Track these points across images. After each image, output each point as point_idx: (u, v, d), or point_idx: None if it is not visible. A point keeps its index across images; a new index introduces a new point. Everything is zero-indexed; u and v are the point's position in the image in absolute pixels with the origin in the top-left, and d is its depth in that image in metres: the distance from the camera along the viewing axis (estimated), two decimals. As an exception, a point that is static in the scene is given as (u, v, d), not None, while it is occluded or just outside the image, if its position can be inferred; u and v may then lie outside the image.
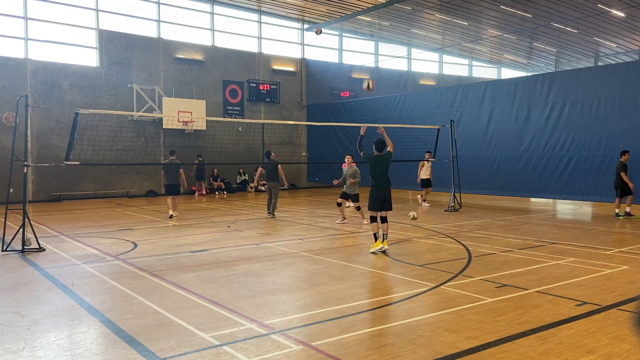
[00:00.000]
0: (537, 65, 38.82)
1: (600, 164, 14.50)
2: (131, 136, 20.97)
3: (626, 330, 5.02)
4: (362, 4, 24.58)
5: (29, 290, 6.79)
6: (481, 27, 29.75)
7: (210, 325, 5.29)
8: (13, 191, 10.43)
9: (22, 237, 9.41)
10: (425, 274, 7.48)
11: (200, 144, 23.03)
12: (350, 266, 8.12)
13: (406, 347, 4.64)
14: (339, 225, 12.80)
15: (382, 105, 22.38)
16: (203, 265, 8.30)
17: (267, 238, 10.90)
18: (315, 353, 4.54)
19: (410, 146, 17.64)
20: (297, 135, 26.47)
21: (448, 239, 10.57)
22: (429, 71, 33.57)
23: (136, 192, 22.09)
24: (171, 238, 11.03)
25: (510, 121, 16.87)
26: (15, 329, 5.25)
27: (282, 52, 26.88)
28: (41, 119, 20.17)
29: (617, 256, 8.70)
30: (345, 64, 29.31)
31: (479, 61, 37.23)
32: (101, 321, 5.48)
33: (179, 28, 23.66)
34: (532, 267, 7.85)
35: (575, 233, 11.32)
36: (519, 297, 6.23)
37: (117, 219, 14.54)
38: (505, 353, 4.51)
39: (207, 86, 24.07)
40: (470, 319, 5.41)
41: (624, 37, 30.35)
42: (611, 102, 14.43)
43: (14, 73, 19.74)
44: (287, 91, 26.75)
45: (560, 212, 16.30)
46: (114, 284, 7.09)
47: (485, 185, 17.53)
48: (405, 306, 5.90)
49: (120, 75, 21.82)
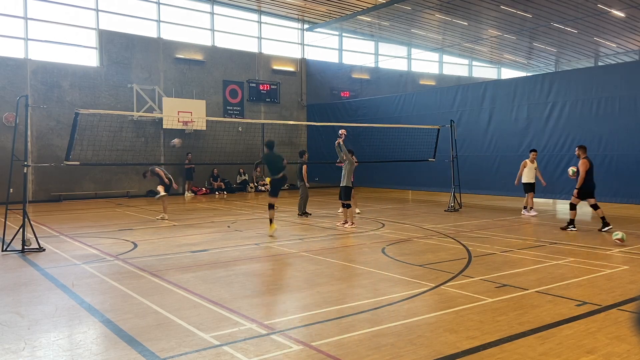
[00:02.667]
0: (537, 65, 38.82)
1: (600, 164, 14.48)
2: (131, 136, 20.97)
3: (626, 330, 5.02)
4: (362, 4, 24.58)
5: (29, 290, 6.79)
6: (481, 27, 29.75)
7: (210, 325, 5.29)
8: (13, 191, 10.43)
9: (22, 237, 9.41)
10: (425, 274, 7.48)
11: (200, 144, 23.02)
12: (350, 266, 8.12)
13: (406, 347, 4.64)
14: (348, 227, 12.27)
15: (382, 105, 22.38)
16: (203, 265, 8.30)
17: (267, 238, 10.90)
18: (315, 353, 4.54)
19: (410, 146, 17.66)
20: (297, 136, 26.46)
21: (448, 239, 10.57)
22: (429, 71, 33.57)
23: (136, 192, 22.09)
24: (171, 238, 11.03)
25: (510, 121, 16.87)
26: (15, 329, 5.25)
27: (282, 52, 26.88)
28: (41, 119, 20.16)
29: (617, 256, 8.70)
30: (345, 64, 29.31)
31: (479, 61, 37.23)
32: (101, 321, 5.48)
33: (179, 28, 23.66)
34: (532, 267, 7.85)
35: (575, 233, 11.32)
36: (519, 297, 6.23)
37: (117, 219, 14.54)
38: (505, 353, 4.51)
39: (207, 86, 24.07)
40: (470, 319, 5.41)
41: (624, 37, 30.35)
42: (611, 102, 14.43)
43: (14, 73, 19.74)
44: (287, 91, 26.75)
45: (560, 212, 16.29)
46: (114, 284, 7.09)
47: (485, 185, 17.52)
48: (405, 306, 5.90)
49: (120, 75, 21.82)
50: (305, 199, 14.65)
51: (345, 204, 12.54)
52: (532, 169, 14.47)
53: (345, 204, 12.56)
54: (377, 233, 11.50)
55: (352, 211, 12.64)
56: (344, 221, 12.48)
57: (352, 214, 12.77)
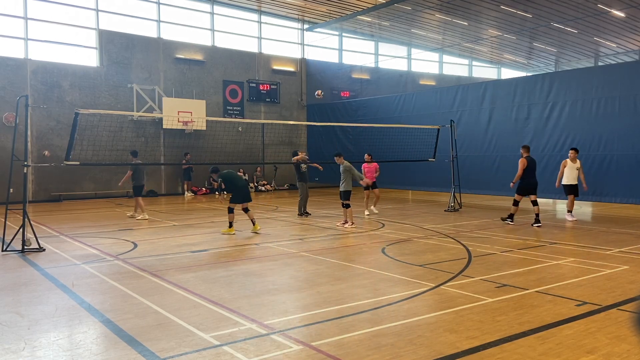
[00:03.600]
0: (537, 65, 38.82)
1: (600, 164, 14.50)
2: (131, 136, 20.96)
3: (626, 330, 5.01)
4: (362, 4, 24.57)
5: (29, 290, 6.79)
6: (481, 27, 29.74)
7: (210, 325, 5.29)
8: (13, 191, 10.42)
9: (22, 237, 9.41)
10: (425, 274, 7.48)
11: (200, 144, 23.03)
12: (350, 266, 8.12)
13: (406, 347, 4.64)
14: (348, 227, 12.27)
15: (382, 105, 22.38)
16: (203, 265, 8.30)
17: (267, 238, 10.90)
18: (315, 353, 4.54)
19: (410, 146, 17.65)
20: (297, 136, 26.46)
21: (448, 239, 10.57)
22: (429, 71, 33.56)
23: (136, 192, 22.07)
24: (171, 238, 11.03)
25: (510, 121, 16.86)
26: (15, 329, 5.25)
27: (282, 52, 26.87)
28: (41, 119, 20.16)
29: (617, 256, 8.70)
30: (345, 64, 29.30)
31: (479, 61, 37.23)
32: (101, 321, 5.48)
33: (179, 28, 23.66)
34: (532, 267, 7.85)
35: (575, 233, 11.32)
36: (519, 297, 6.23)
37: (117, 219, 14.54)
38: (505, 353, 4.51)
39: (207, 86, 24.06)
40: (470, 319, 5.41)
41: (624, 37, 30.35)
42: (611, 102, 14.42)
43: (14, 73, 19.74)
44: (287, 91, 26.74)
45: (560, 212, 16.29)
46: (114, 284, 7.09)
47: (485, 185, 17.52)
48: (405, 306, 5.90)
49: (120, 75, 21.82)
50: (305, 199, 14.64)
51: (345, 203, 12.55)
52: (574, 169, 13.28)
53: (345, 203, 12.56)
54: (377, 233, 11.50)
55: (351, 211, 12.60)
56: (344, 221, 12.48)
57: (352, 214, 12.69)
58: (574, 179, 13.30)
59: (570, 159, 13.37)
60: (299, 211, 14.63)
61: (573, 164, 13.33)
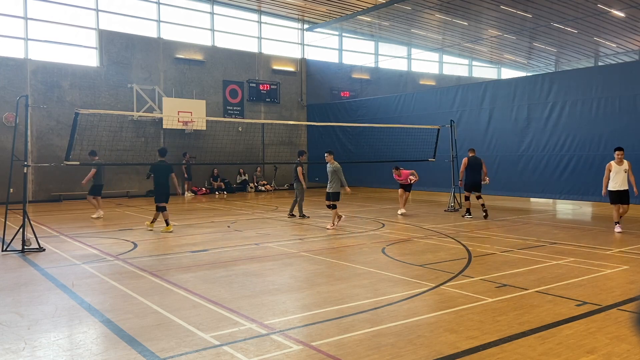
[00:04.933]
0: (537, 65, 38.83)
1: (600, 164, 14.47)
2: (131, 136, 20.95)
3: (626, 330, 5.02)
4: (362, 4, 24.58)
5: (29, 290, 6.79)
6: (481, 27, 29.74)
7: (210, 325, 5.29)
8: (13, 191, 10.43)
9: (22, 237, 9.41)
10: (425, 274, 7.48)
11: (200, 144, 23.02)
12: (350, 266, 8.12)
13: (406, 347, 4.64)
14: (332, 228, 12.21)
15: (382, 105, 22.38)
16: (203, 265, 8.30)
17: (267, 238, 10.90)
18: (315, 353, 4.54)
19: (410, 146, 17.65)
20: (297, 136, 26.46)
21: (448, 239, 10.57)
22: (429, 71, 33.57)
23: (136, 192, 22.07)
24: (171, 238, 11.03)
25: (510, 121, 16.87)
26: (15, 329, 5.25)
27: (282, 52, 26.87)
28: (41, 119, 20.16)
29: (617, 256, 8.70)
30: (345, 64, 29.30)
31: (479, 61, 37.23)
32: (101, 321, 5.48)
33: (179, 28, 23.66)
34: (532, 267, 7.85)
35: (575, 233, 11.31)
36: (519, 297, 6.23)
37: (117, 219, 14.53)
38: (505, 353, 4.51)
39: (207, 86, 24.06)
40: (470, 319, 5.41)
41: (624, 37, 30.35)
42: (611, 102, 14.43)
43: (14, 73, 19.74)
44: (287, 91, 26.74)
45: (560, 212, 16.29)
46: (114, 284, 7.09)
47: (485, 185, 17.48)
48: (405, 306, 5.90)
49: (120, 75, 21.82)
50: (299, 201, 14.36)
51: (331, 204, 12.30)
52: (622, 172, 11.10)
53: (331, 204, 12.30)
54: (377, 233, 11.50)
55: (335, 212, 12.34)
56: (332, 222, 12.36)
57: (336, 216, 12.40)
58: (622, 184, 11.12)
59: (616, 162, 11.19)
60: (297, 212, 14.44)
61: (619, 166, 11.12)
